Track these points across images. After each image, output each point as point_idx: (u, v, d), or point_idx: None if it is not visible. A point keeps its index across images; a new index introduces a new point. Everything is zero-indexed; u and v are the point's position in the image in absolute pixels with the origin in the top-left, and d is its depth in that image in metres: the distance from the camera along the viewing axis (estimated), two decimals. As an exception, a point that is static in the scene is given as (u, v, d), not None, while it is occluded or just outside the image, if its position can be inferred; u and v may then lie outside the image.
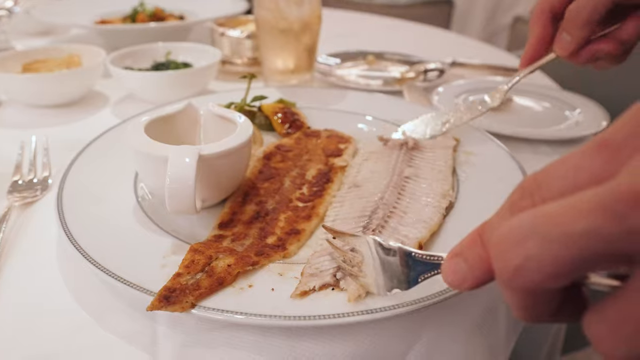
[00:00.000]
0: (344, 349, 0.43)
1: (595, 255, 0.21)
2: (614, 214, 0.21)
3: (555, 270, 0.22)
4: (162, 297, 0.41)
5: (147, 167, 0.54)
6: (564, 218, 0.22)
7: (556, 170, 0.25)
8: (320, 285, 0.43)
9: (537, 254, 0.22)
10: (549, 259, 0.22)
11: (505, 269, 0.24)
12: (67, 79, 0.89)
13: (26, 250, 0.55)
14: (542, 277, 0.23)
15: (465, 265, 0.28)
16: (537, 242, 0.22)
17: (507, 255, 0.24)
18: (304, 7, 0.89)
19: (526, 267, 0.23)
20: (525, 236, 0.23)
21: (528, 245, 0.23)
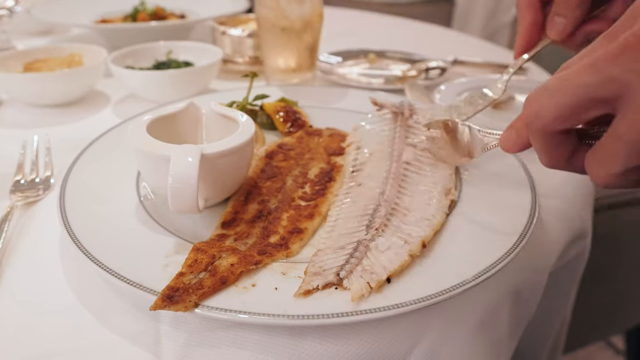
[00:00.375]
0: (347, 348, 0.43)
1: (584, 100, 0.32)
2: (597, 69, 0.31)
3: (560, 112, 0.34)
4: (165, 296, 0.41)
5: (149, 166, 0.54)
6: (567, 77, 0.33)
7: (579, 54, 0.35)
8: (323, 284, 0.43)
9: (546, 102, 0.34)
10: (554, 105, 0.34)
11: (528, 117, 0.36)
12: (69, 78, 0.89)
13: (29, 250, 0.55)
14: (551, 118, 0.34)
15: (514, 132, 0.40)
16: (547, 94, 0.34)
17: (531, 106, 0.36)
18: (305, 5, 0.88)
19: (540, 111, 0.35)
20: (542, 92, 0.35)
21: (543, 97, 0.35)
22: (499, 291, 0.51)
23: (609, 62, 0.31)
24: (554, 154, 0.37)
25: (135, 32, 1.19)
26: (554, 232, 0.59)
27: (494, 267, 0.45)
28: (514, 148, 0.40)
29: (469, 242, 0.50)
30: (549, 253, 0.58)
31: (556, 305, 0.73)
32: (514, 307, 0.53)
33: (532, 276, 0.55)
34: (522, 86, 0.98)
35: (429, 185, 0.57)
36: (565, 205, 0.63)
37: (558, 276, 0.63)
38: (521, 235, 0.49)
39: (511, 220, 0.52)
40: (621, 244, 1.04)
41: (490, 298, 0.50)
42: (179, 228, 0.54)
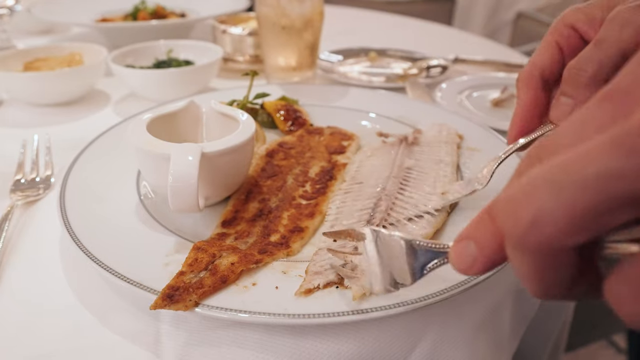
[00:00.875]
0: (348, 347, 0.42)
1: (612, 200, 0.20)
2: (629, 149, 0.19)
3: (572, 221, 0.20)
4: (165, 295, 0.41)
5: (150, 165, 0.54)
6: (577, 163, 0.20)
7: (562, 129, 0.23)
8: (324, 283, 0.43)
9: (550, 205, 0.21)
10: (563, 208, 0.20)
11: (517, 227, 0.22)
12: (69, 77, 0.88)
13: (29, 249, 0.55)
14: (557, 231, 0.21)
15: (474, 246, 0.27)
16: (550, 191, 0.21)
17: (518, 212, 0.22)
18: (306, 3, 0.88)
19: (540, 220, 0.21)
20: (536, 188, 0.21)
21: (540, 196, 0.21)
22: (501, 290, 0.51)
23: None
24: (551, 279, 0.24)
25: (135, 31, 1.19)
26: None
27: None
28: (475, 268, 0.27)
29: None
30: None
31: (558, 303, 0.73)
32: (516, 306, 0.53)
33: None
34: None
35: (430, 184, 0.57)
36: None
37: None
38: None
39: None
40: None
41: (492, 297, 0.50)
42: (179, 227, 0.54)
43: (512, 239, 0.23)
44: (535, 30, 2.36)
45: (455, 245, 0.28)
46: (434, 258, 0.35)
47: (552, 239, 0.21)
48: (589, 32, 0.46)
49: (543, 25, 2.33)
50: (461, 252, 0.27)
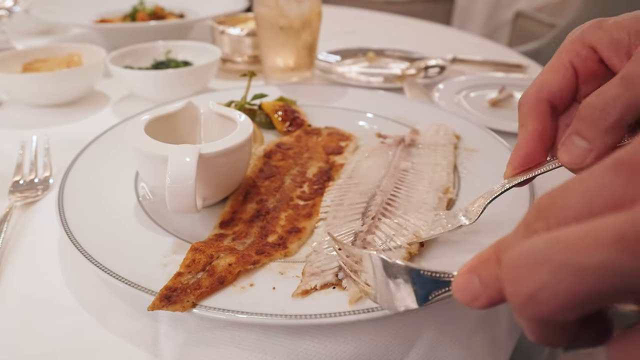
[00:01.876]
0: (345, 348, 0.43)
1: (611, 290, 0.20)
2: (633, 251, 0.19)
3: (569, 303, 0.21)
4: (163, 296, 0.41)
5: (148, 166, 0.54)
6: (580, 247, 0.20)
7: (572, 191, 0.23)
8: (321, 284, 0.43)
9: (550, 284, 0.21)
10: (562, 291, 0.21)
11: (516, 296, 0.22)
12: (68, 78, 0.89)
13: (27, 250, 0.55)
14: (554, 309, 0.21)
15: (478, 282, 0.27)
16: (551, 270, 0.21)
17: (519, 282, 0.22)
18: (304, 4, 0.88)
19: (538, 296, 0.21)
20: (538, 263, 0.21)
21: (541, 273, 0.21)
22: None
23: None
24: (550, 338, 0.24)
25: (134, 31, 1.19)
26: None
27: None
28: (478, 303, 0.27)
29: (467, 240, 0.50)
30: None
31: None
32: (513, 306, 0.53)
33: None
34: (521, 84, 0.98)
35: (425, 185, 0.57)
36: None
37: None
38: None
39: (510, 219, 0.52)
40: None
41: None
42: (177, 228, 0.54)
43: (511, 304, 0.23)
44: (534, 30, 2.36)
45: (460, 276, 0.28)
46: (440, 287, 0.35)
47: (548, 315, 0.22)
48: (612, 57, 0.39)
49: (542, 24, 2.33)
50: (465, 286, 0.27)
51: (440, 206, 0.54)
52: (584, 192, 0.23)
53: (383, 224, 0.50)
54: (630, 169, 0.21)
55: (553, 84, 0.41)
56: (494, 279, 0.26)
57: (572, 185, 0.23)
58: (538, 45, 1.89)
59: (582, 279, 0.20)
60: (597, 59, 0.40)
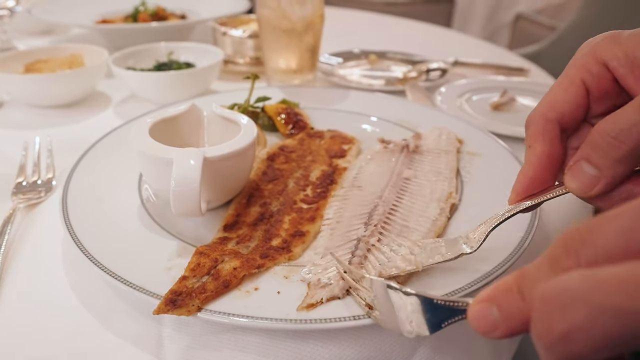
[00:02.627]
0: (349, 352, 0.43)
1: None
2: None
3: (604, 345, 0.20)
4: (168, 300, 0.42)
5: (152, 169, 0.54)
6: (620, 290, 0.20)
7: (605, 229, 0.23)
8: (328, 297, 0.43)
9: (586, 325, 0.20)
10: (598, 334, 0.20)
11: (548, 334, 0.22)
12: (70, 79, 0.89)
13: (31, 252, 0.55)
14: (588, 350, 0.21)
15: (497, 312, 0.26)
16: (588, 311, 0.20)
17: (552, 319, 0.22)
18: (307, 6, 0.88)
19: (573, 337, 0.21)
20: (574, 301, 0.21)
21: (577, 312, 0.21)
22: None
23: None
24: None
25: (135, 32, 1.19)
26: (555, 233, 0.60)
27: (496, 271, 0.45)
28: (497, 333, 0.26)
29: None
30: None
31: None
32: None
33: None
34: (523, 88, 0.98)
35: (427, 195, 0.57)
36: (566, 206, 0.63)
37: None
38: (523, 238, 0.49)
39: (512, 224, 0.52)
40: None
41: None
42: (181, 231, 0.54)
43: (541, 340, 0.22)
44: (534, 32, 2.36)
45: (476, 306, 0.27)
46: (453, 315, 0.33)
47: (578, 356, 0.21)
48: (627, 76, 0.36)
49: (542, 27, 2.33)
50: (483, 315, 0.27)
51: (442, 216, 0.54)
52: (618, 232, 0.22)
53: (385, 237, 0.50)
54: None
55: (563, 104, 0.39)
56: (516, 311, 0.25)
57: (605, 223, 0.23)
58: (539, 48, 1.90)
59: (620, 322, 0.20)
60: (611, 77, 0.37)
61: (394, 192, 0.57)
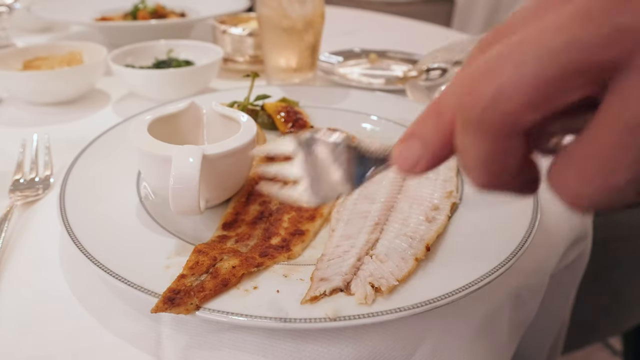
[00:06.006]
0: (349, 351, 0.43)
1: (575, 70, 0.19)
2: (597, 15, 0.18)
3: (534, 95, 0.20)
4: (166, 299, 0.41)
5: (151, 167, 0.54)
6: (543, 35, 0.19)
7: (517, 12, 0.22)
8: (330, 290, 0.43)
9: (513, 78, 0.20)
10: (527, 81, 0.20)
11: (477, 105, 0.21)
12: (69, 76, 0.88)
13: (28, 250, 0.55)
14: (519, 105, 0.20)
15: (418, 143, 0.25)
16: (513, 65, 0.20)
17: (478, 89, 0.21)
18: (307, 5, 0.88)
19: (502, 94, 0.20)
20: (497, 64, 0.20)
21: (502, 71, 0.20)
22: (500, 294, 0.51)
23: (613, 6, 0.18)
24: (499, 167, 0.23)
25: (135, 30, 1.19)
26: (555, 234, 0.59)
27: (496, 271, 0.45)
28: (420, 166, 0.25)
29: (471, 245, 0.50)
30: (550, 255, 0.58)
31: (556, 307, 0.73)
32: (515, 310, 0.53)
33: (533, 279, 0.55)
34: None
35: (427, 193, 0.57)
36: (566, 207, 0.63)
37: (559, 278, 0.63)
38: (523, 238, 0.49)
39: (513, 223, 0.52)
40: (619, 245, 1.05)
41: (491, 301, 0.50)
42: (179, 229, 0.54)
43: (469, 119, 0.22)
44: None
45: (399, 145, 0.26)
46: (378, 163, 0.32)
47: (512, 115, 0.21)
48: None
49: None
50: (405, 152, 0.26)
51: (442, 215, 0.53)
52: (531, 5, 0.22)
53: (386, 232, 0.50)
54: None
55: None
56: (436, 131, 0.25)
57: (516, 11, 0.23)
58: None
59: (547, 62, 0.19)
60: None
61: (393, 191, 0.57)
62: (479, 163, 0.23)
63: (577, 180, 0.21)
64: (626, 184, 0.20)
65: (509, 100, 0.20)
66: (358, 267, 0.46)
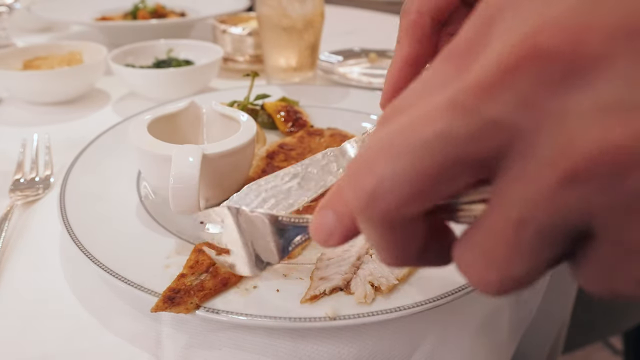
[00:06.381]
0: (349, 350, 0.43)
1: (451, 163, 0.18)
2: (464, 109, 0.18)
3: (412, 189, 0.19)
4: (166, 298, 0.41)
5: (151, 166, 0.54)
6: (414, 126, 0.19)
7: (409, 88, 0.22)
8: (330, 289, 0.43)
9: (390, 172, 0.19)
10: (403, 175, 0.19)
11: (359, 198, 0.20)
12: (69, 76, 0.88)
13: (28, 250, 0.55)
14: (399, 199, 0.19)
15: (332, 214, 0.24)
16: (388, 158, 0.19)
17: (359, 182, 0.20)
18: (307, 4, 0.88)
19: (380, 189, 0.19)
20: (376, 155, 0.20)
21: (379, 164, 0.19)
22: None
23: (482, 94, 0.17)
24: (398, 248, 0.22)
25: (135, 29, 1.19)
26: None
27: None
28: (333, 240, 0.25)
29: None
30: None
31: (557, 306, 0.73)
32: (515, 309, 0.53)
33: (533, 278, 0.55)
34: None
35: None
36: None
37: (559, 277, 0.63)
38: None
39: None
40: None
41: (491, 300, 0.50)
42: (179, 229, 0.53)
43: (357, 210, 0.21)
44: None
45: (315, 215, 0.25)
46: (300, 233, 0.32)
47: (394, 209, 0.20)
48: None
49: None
50: (320, 223, 0.25)
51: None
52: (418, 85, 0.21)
53: None
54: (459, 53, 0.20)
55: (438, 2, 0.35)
56: (345, 206, 0.24)
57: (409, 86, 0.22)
58: None
59: (419, 155, 0.18)
60: None
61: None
62: (379, 247, 0.22)
63: (481, 265, 0.20)
64: (527, 273, 0.19)
65: (388, 194, 0.19)
66: (358, 266, 0.46)
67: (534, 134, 0.17)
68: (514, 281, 0.19)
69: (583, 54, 0.16)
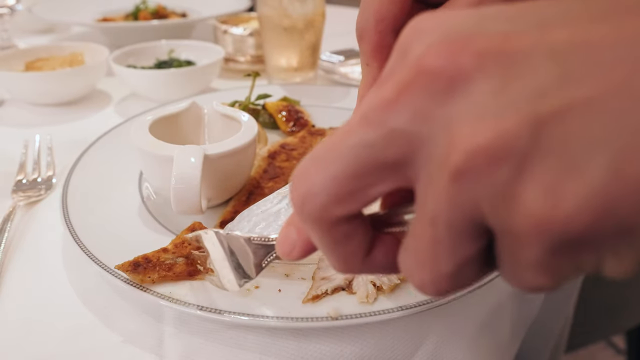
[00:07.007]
0: (351, 350, 0.43)
1: (367, 168, 0.21)
2: (371, 121, 0.21)
3: (338, 189, 0.22)
4: (134, 263, 0.43)
5: (152, 166, 0.54)
6: (337, 140, 0.22)
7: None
8: (332, 289, 0.43)
9: (320, 178, 0.22)
10: (329, 179, 0.22)
11: (295, 202, 0.24)
12: (70, 77, 0.88)
13: (31, 250, 0.55)
14: (327, 199, 0.22)
15: (294, 229, 0.28)
16: (317, 166, 0.23)
17: (296, 188, 0.23)
18: (308, 4, 0.88)
19: (311, 191, 0.23)
20: (308, 166, 0.23)
21: (311, 172, 0.23)
22: (502, 292, 0.51)
23: (384, 109, 0.21)
24: (341, 251, 0.25)
25: (136, 30, 1.19)
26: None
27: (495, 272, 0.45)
28: (294, 254, 0.27)
29: None
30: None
31: (559, 304, 0.73)
32: (517, 308, 0.53)
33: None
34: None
35: None
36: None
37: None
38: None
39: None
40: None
41: (494, 299, 0.50)
42: (181, 229, 0.53)
43: (295, 212, 0.24)
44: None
45: (280, 232, 0.28)
46: (269, 251, 0.36)
47: (323, 209, 0.23)
48: None
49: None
50: (284, 238, 0.28)
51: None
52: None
53: None
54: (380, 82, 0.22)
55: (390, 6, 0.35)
56: None
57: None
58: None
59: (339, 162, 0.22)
60: None
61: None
62: (324, 251, 0.25)
63: (415, 267, 0.22)
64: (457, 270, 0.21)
65: (317, 196, 0.23)
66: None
67: (431, 140, 0.20)
68: (447, 279, 0.21)
69: (460, 71, 0.19)
